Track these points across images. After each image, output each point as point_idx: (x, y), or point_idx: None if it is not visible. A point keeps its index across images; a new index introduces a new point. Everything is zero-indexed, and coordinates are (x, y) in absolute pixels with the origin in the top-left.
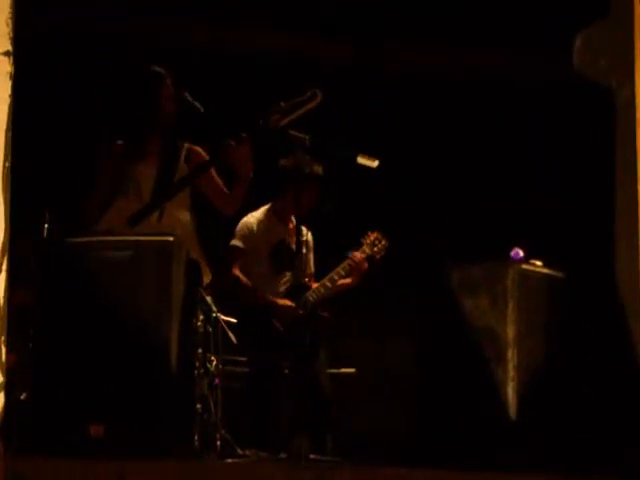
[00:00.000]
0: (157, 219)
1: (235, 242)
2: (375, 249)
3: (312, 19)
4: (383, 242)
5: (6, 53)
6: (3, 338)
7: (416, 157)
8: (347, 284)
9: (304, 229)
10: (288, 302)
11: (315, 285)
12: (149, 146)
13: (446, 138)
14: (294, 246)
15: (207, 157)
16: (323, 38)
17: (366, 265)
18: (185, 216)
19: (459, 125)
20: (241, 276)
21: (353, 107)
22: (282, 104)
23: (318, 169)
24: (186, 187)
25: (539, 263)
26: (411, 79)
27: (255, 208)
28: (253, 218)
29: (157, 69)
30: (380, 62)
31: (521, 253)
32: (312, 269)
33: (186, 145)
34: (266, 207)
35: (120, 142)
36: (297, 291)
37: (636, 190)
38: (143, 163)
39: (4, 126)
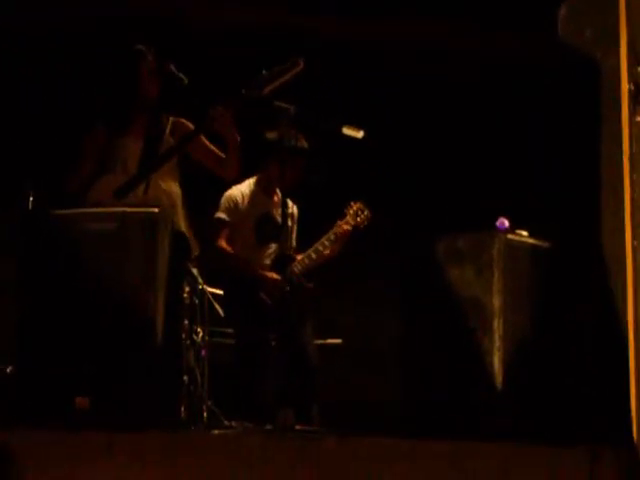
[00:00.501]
0: (143, 191)
1: (219, 214)
2: (358, 219)
3: None
4: (366, 212)
5: None
6: None
7: (402, 128)
8: (329, 254)
9: (289, 202)
10: (275, 275)
11: (299, 257)
12: (133, 122)
13: (432, 109)
14: (279, 218)
15: (192, 128)
16: (308, 10)
17: (348, 235)
18: (173, 188)
19: (445, 97)
20: (228, 248)
21: (339, 78)
22: (264, 72)
23: (303, 143)
24: (171, 158)
25: (525, 233)
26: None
27: (240, 181)
28: (237, 190)
29: (138, 46)
30: (370, 37)
31: (506, 223)
32: (295, 242)
33: (171, 118)
34: (251, 180)
35: (102, 124)
36: (282, 263)
37: (622, 160)
38: (128, 138)
39: None
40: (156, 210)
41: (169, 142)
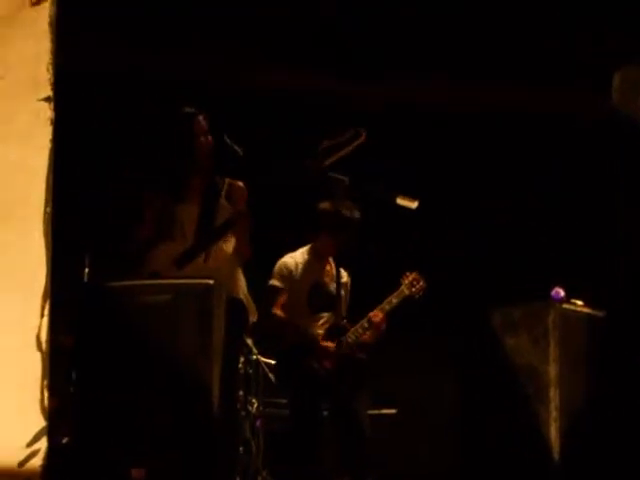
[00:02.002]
0: (204, 260)
1: (273, 282)
2: (413, 289)
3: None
4: (421, 283)
5: (47, 99)
6: (46, 382)
7: (455, 200)
8: (366, 339)
9: (342, 271)
10: (329, 343)
11: (352, 328)
12: (190, 186)
13: (484, 177)
14: (332, 287)
15: (246, 192)
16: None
17: (384, 324)
18: (231, 254)
19: (498, 164)
20: (283, 315)
21: (390, 148)
22: (325, 142)
23: (356, 214)
24: (229, 230)
25: (580, 302)
26: (444, 117)
27: (294, 249)
28: (291, 259)
29: (187, 109)
30: (411, 101)
31: (562, 293)
32: (345, 312)
33: (227, 180)
34: (304, 248)
35: (159, 189)
36: (336, 333)
37: None
38: (185, 203)
39: (45, 172)
40: (211, 281)
41: (225, 206)
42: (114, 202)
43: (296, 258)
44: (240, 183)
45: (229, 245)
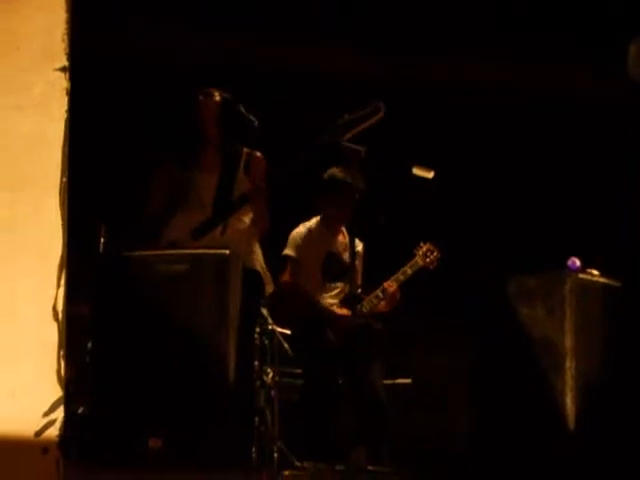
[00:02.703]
0: (221, 232)
1: (288, 251)
2: (428, 260)
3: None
4: (435, 253)
5: (62, 69)
6: (62, 352)
7: (471, 169)
8: (381, 308)
9: (356, 240)
10: (346, 311)
11: (367, 297)
12: (205, 156)
13: (500, 149)
14: (345, 257)
15: (265, 163)
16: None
17: (399, 294)
18: (248, 226)
19: (515, 136)
20: (297, 284)
21: (407, 120)
22: (346, 116)
23: (361, 183)
24: (247, 203)
25: (596, 272)
26: (464, 93)
27: (307, 218)
28: (305, 228)
29: (202, 88)
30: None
31: (578, 262)
32: (361, 280)
33: (246, 150)
34: (317, 217)
35: (172, 157)
36: (351, 302)
37: None
38: (202, 172)
39: (61, 142)
40: (227, 251)
41: (243, 178)
42: (129, 172)
43: (309, 227)
44: (259, 154)
45: (246, 217)
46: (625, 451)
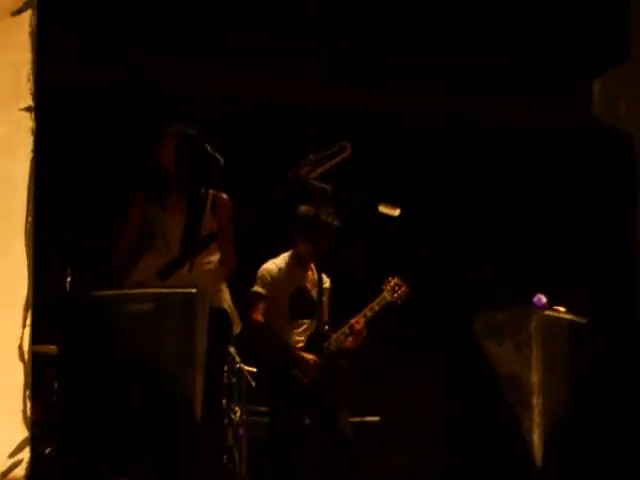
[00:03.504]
0: (188, 270)
1: (257, 289)
2: (395, 295)
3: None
4: (403, 288)
5: (28, 109)
6: (28, 392)
7: (437, 204)
8: (349, 345)
9: (324, 276)
10: (311, 356)
11: (335, 335)
12: (171, 197)
13: (465, 185)
14: (314, 294)
15: (230, 204)
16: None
17: (365, 331)
18: (215, 266)
19: (478, 172)
20: (265, 323)
21: (372, 156)
22: (311, 157)
23: (335, 219)
24: (213, 241)
25: (562, 309)
26: (425, 127)
27: (276, 254)
28: (274, 265)
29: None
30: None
31: (544, 299)
32: (326, 316)
33: (212, 192)
34: (286, 254)
35: (141, 197)
36: (317, 340)
37: None
38: (169, 214)
39: (26, 181)
40: (194, 290)
41: (209, 219)
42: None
43: (278, 264)
44: (224, 195)
45: (213, 257)
46: None
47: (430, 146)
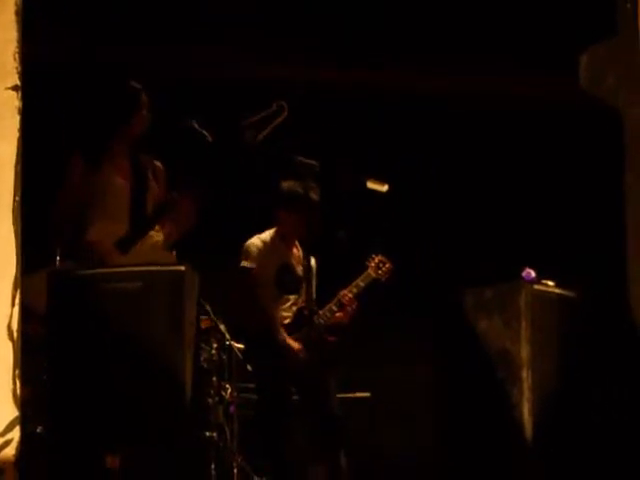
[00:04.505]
0: (141, 244)
1: (245, 263)
2: (379, 272)
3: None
4: (387, 265)
5: (14, 87)
6: (17, 371)
7: (425, 180)
8: (339, 318)
9: (310, 255)
10: (296, 344)
11: (321, 311)
12: (117, 159)
13: (455, 161)
14: (299, 271)
15: (164, 173)
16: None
17: (355, 304)
18: (159, 235)
19: (468, 147)
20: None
21: (362, 131)
22: (251, 119)
23: (316, 195)
24: (164, 215)
25: (551, 283)
26: (418, 101)
27: (260, 231)
28: (258, 239)
29: (135, 85)
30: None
31: (533, 274)
32: (314, 294)
33: (146, 158)
34: (271, 230)
35: (79, 155)
36: (304, 316)
37: None
38: (113, 175)
39: (13, 160)
40: (182, 268)
41: (154, 187)
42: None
43: (263, 238)
44: (159, 163)
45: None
46: (582, 463)
47: (419, 124)
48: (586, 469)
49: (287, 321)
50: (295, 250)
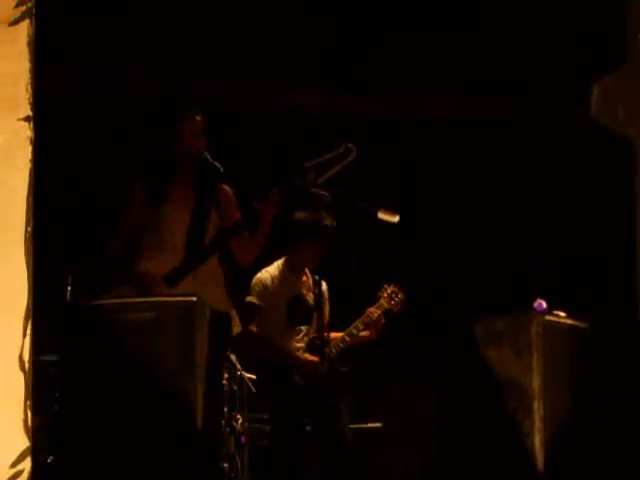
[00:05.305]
0: (192, 278)
1: (251, 299)
2: (392, 302)
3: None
4: (400, 295)
5: (26, 118)
6: (29, 402)
7: (436, 211)
8: (366, 336)
9: (320, 281)
10: (311, 357)
11: (334, 340)
12: (179, 187)
13: (465, 191)
14: (310, 299)
15: (233, 197)
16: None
17: (383, 320)
18: (217, 267)
19: (477, 173)
20: (261, 333)
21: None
22: (316, 161)
23: (331, 222)
24: (221, 248)
25: (563, 314)
26: (425, 132)
27: (269, 263)
28: (267, 274)
29: (182, 102)
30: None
31: (544, 304)
32: (327, 319)
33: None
34: (280, 261)
35: (141, 189)
36: (317, 346)
37: None
38: (172, 207)
39: (25, 191)
40: (194, 298)
41: (215, 217)
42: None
43: (271, 272)
44: (226, 187)
45: (213, 261)
46: None
47: (428, 147)
48: None
49: (300, 352)
50: (305, 278)
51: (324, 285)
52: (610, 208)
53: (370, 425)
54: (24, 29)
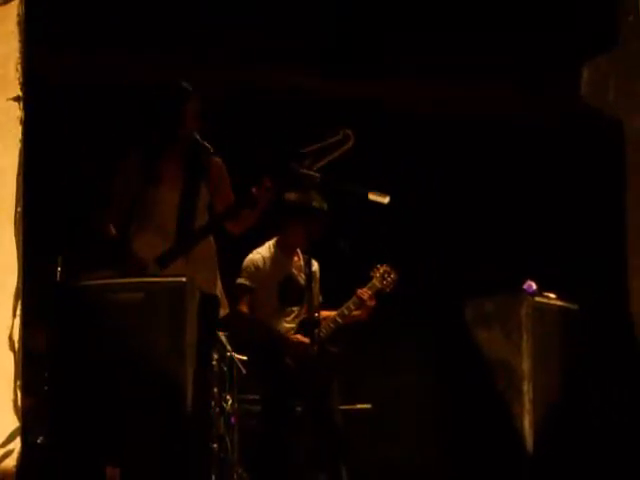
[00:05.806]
0: (186, 262)
1: (241, 280)
2: (384, 282)
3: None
4: (392, 275)
5: (16, 98)
6: (19, 382)
7: (427, 192)
8: (358, 316)
9: (312, 260)
10: (301, 337)
11: (325, 320)
12: (169, 168)
13: (457, 172)
14: (302, 280)
15: (225, 170)
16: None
17: (374, 301)
18: (211, 248)
19: (470, 159)
20: (250, 314)
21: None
22: (314, 146)
23: (324, 204)
24: (213, 231)
25: (552, 295)
26: (420, 115)
27: (260, 243)
28: (258, 255)
29: (184, 84)
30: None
31: (534, 286)
32: (319, 300)
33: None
34: (271, 242)
35: (134, 158)
36: (308, 327)
37: None
38: (164, 187)
39: (15, 171)
40: (184, 279)
41: (205, 192)
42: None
43: (263, 253)
44: (217, 159)
45: (206, 242)
46: (582, 474)
47: (422, 136)
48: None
49: (290, 333)
50: (296, 258)
51: (315, 265)
52: (601, 192)
53: (359, 406)
54: (14, 8)
